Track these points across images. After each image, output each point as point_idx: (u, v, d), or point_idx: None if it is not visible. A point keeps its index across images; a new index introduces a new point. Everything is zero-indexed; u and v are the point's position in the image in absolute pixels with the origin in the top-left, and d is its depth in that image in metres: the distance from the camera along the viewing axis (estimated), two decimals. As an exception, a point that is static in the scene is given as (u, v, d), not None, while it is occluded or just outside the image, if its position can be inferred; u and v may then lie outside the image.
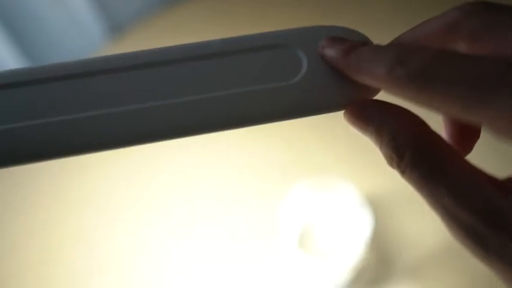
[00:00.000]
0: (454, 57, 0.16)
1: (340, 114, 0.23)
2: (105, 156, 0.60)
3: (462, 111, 0.15)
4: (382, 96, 0.20)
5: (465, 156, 0.21)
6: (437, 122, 0.20)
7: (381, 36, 0.24)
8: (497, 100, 0.15)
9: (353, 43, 0.20)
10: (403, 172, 0.18)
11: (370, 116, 0.19)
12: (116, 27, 0.74)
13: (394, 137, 0.18)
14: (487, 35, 0.17)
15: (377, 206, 0.53)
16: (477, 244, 0.16)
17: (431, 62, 0.16)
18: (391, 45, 0.19)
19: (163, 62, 0.20)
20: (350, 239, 0.51)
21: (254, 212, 0.55)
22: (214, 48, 0.21)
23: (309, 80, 0.20)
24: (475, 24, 0.17)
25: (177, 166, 0.60)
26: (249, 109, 0.20)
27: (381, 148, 0.19)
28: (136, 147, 0.26)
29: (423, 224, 0.53)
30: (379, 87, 0.18)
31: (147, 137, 0.20)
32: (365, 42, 0.20)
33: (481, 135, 0.21)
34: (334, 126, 0.59)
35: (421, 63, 0.16)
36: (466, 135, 0.21)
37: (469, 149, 0.21)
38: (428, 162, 0.17)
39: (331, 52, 0.20)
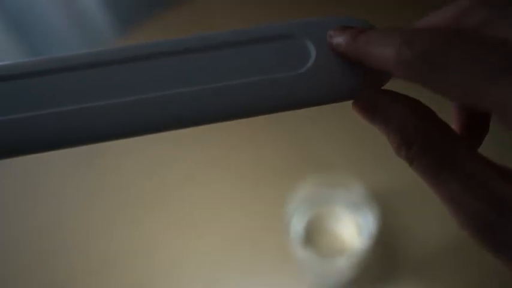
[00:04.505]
0: (464, 38, 0.16)
1: (346, 110, 0.23)
2: (111, 153, 0.60)
3: (469, 96, 0.15)
4: (391, 86, 0.20)
5: (475, 149, 0.21)
6: (446, 115, 0.20)
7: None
8: (505, 85, 0.15)
9: (361, 28, 0.20)
10: (411, 162, 0.18)
11: (379, 106, 0.19)
12: (122, 25, 0.75)
13: (402, 126, 0.18)
14: (497, 22, 0.17)
15: (383, 202, 0.53)
16: (484, 233, 0.16)
17: (438, 43, 0.16)
18: (399, 28, 0.19)
19: (175, 52, 0.21)
20: (356, 236, 0.50)
21: (260, 209, 0.55)
22: (223, 38, 0.21)
23: (317, 69, 0.21)
24: (485, 12, 0.17)
25: (183, 164, 0.60)
26: (258, 99, 0.20)
27: (389, 138, 0.19)
28: (141, 144, 0.26)
29: (429, 220, 0.52)
30: (387, 70, 0.18)
31: (158, 126, 0.20)
32: (372, 28, 0.20)
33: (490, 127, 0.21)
34: (341, 122, 0.59)
35: (429, 44, 0.16)
36: (476, 127, 0.21)
37: (478, 141, 0.21)
38: (436, 151, 0.17)
39: (339, 39, 0.20)
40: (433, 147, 0.18)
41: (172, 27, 0.73)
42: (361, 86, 0.20)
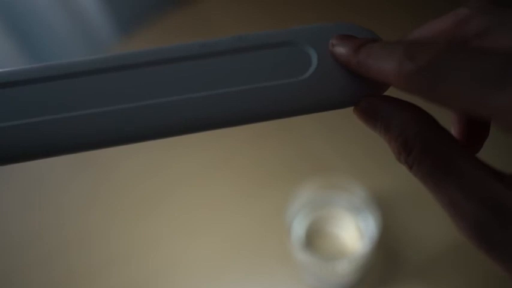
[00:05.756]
0: (463, 51, 0.16)
1: (347, 114, 0.24)
2: (111, 156, 0.61)
3: (470, 106, 0.16)
4: (392, 92, 0.20)
5: (475, 154, 0.21)
6: (445, 119, 0.20)
7: (388, 34, 0.24)
8: (505, 94, 0.15)
9: (362, 40, 0.20)
10: (410, 166, 0.18)
11: (379, 112, 0.19)
12: (123, 28, 0.75)
13: (402, 131, 0.18)
14: (496, 31, 0.17)
15: (385, 205, 0.53)
16: (482, 238, 0.17)
17: (440, 56, 0.16)
18: (400, 41, 0.19)
19: (176, 58, 0.21)
20: (357, 239, 0.51)
21: (260, 212, 0.56)
22: (225, 45, 0.21)
23: (318, 76, 0.21)
24: (485, 21, 0.18)
25: (183, 166, 0.60)
26: (259, 105, 0.21)
27: (389, 143, 0.19)
28: (142, 146, 0.26)
29: (431, 223, 0.53)
30: (389, 83, 0.18)
31: (159, 132, 0.20)
32: (374, 39, 0.21)
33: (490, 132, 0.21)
34: (342, 125, 0.59)
35: (430, 57, 0.16)
36: (476, 133, 0.21)
37: (478, 147, 0.21)
38: (436, 157, 0.18)
39: (341, 50, 0.20)
40: (433, 153, 0.18)
41: (173, 30, 0.73)
42: (362, 93, 0.21)
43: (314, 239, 0.52)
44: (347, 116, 0.25)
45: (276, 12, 0.73)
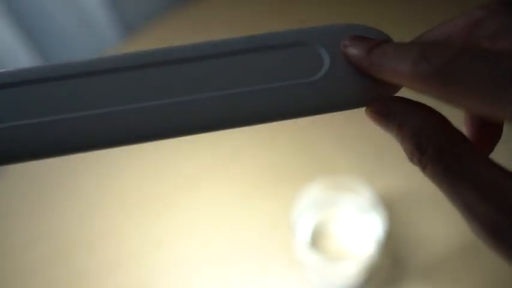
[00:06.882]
0: (477, 53, 0.16)
1: (355, 114, 0.24)
2: (117, 157, 0.61)
3: (484, 107, 0.16)
4: (403, 93, 0.20)
5: (487, 155, 0.21)
6: (458, 120, 0.20)
7: (400, 35, 0.24)
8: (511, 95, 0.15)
9: (375, 41, 0.20)
10: (424, 167, 0.18)
11: (392, 112, 0.19)
12: (128, 27, 0.75)
13: (416, 132, 0.18)
14: (510, 32, 0.17)
15: (391, 206, 0.53)
16: (498, 239, 0.17)
17: (455, 58, 0.16)
18: (414, 42, 0.19)
19: (185, 59, 0.21)
20: (363, 240, 0.51)
21: (266, 212, 0.56)
22: (236, 45, 0.21)
23: (330, 77, 0.21)
24: (498, 23, 0.18)
25: (188, 167, 0.60)
26: (270, 106, 0.21)
27: (402, 143, 0.19)
28: (147, 147, 0.26)
29: (437, 225, 0.52)
30: (402, 84, 0.18)
31: (169, 132, 0.20)
32: (386, 40, 0.21)
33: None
34: (350, 126, 0.59)
35: (445, 59, 0.16)
36: (488, 134, 0.21)
37: (490, 148, 0.21)
38: (450, 157, 0.17)
39: (353, 50, 0.20)
40: (446, 154, 0.18)
41: (179, 29, 0.73)
42: (374, 94, 0.21)
43: (320, 239, 0.52)
44: (355, 117, 0.25)
45: (280, 13, 0.73)
